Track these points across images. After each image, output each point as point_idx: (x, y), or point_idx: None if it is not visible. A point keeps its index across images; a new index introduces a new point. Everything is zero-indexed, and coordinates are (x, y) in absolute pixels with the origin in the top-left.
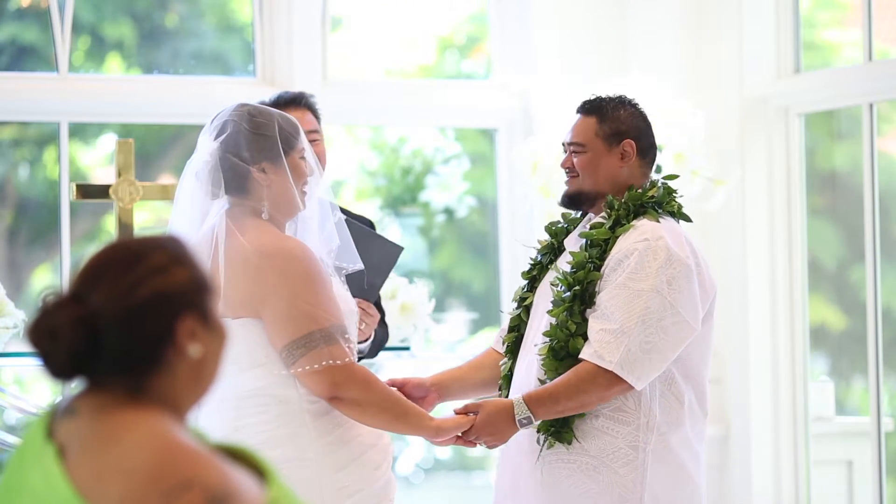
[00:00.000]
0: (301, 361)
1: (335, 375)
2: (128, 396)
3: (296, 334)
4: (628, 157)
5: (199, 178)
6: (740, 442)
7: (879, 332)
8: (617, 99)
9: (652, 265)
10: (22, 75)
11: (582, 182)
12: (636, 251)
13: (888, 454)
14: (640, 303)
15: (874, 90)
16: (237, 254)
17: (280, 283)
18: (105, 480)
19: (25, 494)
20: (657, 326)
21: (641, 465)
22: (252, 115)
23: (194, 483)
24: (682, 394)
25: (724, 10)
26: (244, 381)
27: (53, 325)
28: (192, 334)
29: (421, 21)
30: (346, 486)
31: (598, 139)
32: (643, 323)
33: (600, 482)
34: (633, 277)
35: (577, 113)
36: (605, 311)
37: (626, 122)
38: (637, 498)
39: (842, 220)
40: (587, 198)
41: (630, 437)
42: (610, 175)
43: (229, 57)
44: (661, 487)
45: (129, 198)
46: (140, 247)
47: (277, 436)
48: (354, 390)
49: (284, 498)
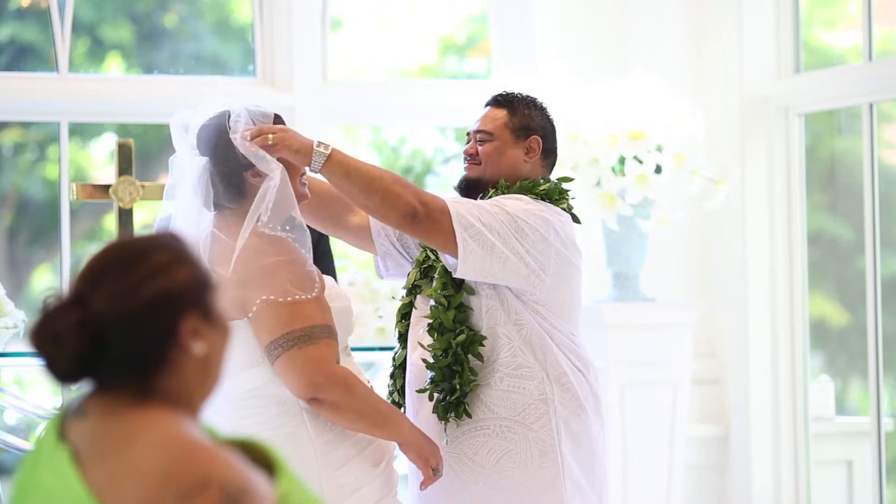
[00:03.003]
0: (280, 361)
1: (314, 376)
2: (137, 397)
3: (275, 333)
4: (533, 154)
5: (195, 193)
6: (740, 442)
7: (880, 331)
8: (529, 98)
9: (516, 205)
10: (22, 75)
11: (484, 170)
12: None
13: (888, 454)
14: (497, 212)
15: (874, 90)
16: (224, 257)
17: (263, 283)
18: (120, 482)
19: (40, 497)
20: (491, 220)
21: (554, 416)
22: (232, 121)
23: (210, 482)
24: (568, 349)
25: (724, 10)
26: (242, 382)
27: (56, 330)
28: (195, 332)
29: (421, 21)
30: (346, 483)
31: (507, 130)
32: (487, 214)
33: (516, 441)
34: (494, 203)
35: (488, 105)
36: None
37: (536, 120)
38: (555, 448)
39: (843, 216)
40: (484, 185)
41: (537, 392)
42: (512, 167)
43: (229, 57)
44: (571, 435)
45: (129, 198)
46: (141, 246)
47: (276, 435)
48: (334, 393)
49: (296, 490)
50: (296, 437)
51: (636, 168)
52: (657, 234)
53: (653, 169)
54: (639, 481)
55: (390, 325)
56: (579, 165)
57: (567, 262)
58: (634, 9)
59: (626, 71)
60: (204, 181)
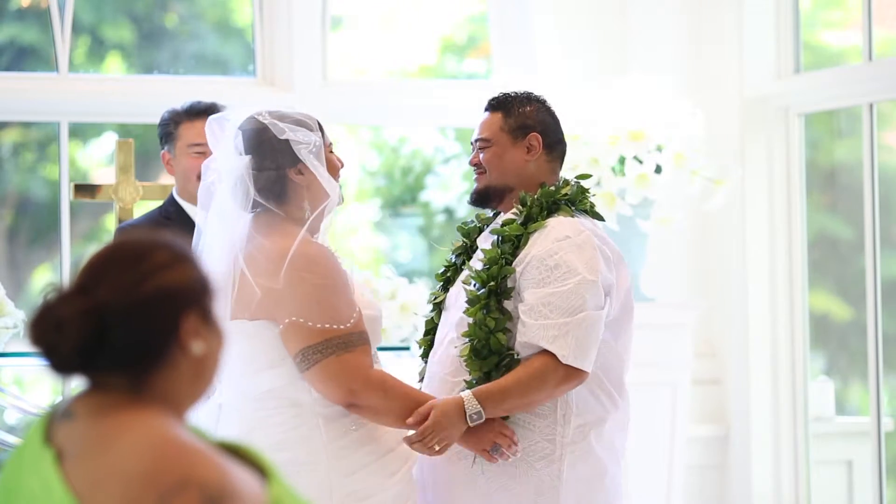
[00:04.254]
0: (316, 368)
1: (351, 383)
2: (128, 396)
3: (312, 340)
4: (534, 151)
5: (233, 195)
6: (740, 442)
7: (880, 331)
8: (524, 95)
9: (579, 258)
10: (22, 75)
11: (489, 178)
12: (560, 249)
13: (888, 454)
14: (577, 296)
15: (874, 90)
16: (258, 255)
17: (300, 287)
18: (102, 484)
19: (23, 499)
20: (592, 311)
21: (558, 459)
22: (280, 119)
23: (191, 482)
24: (601, 388)
25: (724, 10)
26: (259, 382)
27: (59, 318)
28: (195, 332)
29: (421, 21)
30: (356, 490)
31: (504, 133)
32: (581, 311)
33: (517, 476)
34: (564, 275)
35: (485, 111)
36: (544, 309)
37: (532, 117)
38: (553, 491)
39: (842, 215)
40: (496, 193)
41: (546, 431)
42: (516, 168)
43: (229, 57)
44: (577, 480)
45: (129, 198)
46: (144, 244)
47: (290, 438)
48: (372, 398)
49: (286, 496)
50: (309, 441)
51: (636, 168)
52: (657, 234)
53: (653, 169)
54: (639, 481)
55: (390, 325)
56: (579, 165)
57: (621, 290)
58: (634, 9)
59: (626, 71)
60: (244, 181)
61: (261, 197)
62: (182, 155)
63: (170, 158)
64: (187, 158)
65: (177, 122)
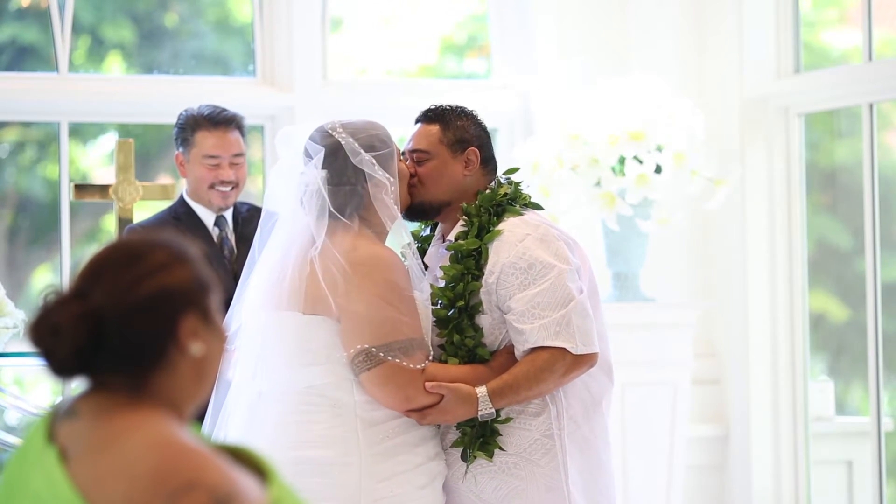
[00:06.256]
0: (375, 370)
1: (408, 390)
2: (129, 397)
3: (374, 341)
4: (472, 166)
5: (304, 205)
6: (740, 442)
7: (880, 331)
8: (458, 108)
9: (547, 251)
10: (22, 75)
11: (426, 192)
12: (527, 249)
13: (888, 454)
14: (561, 287)
15: (874, 90)
16: (326, 253)
17: (366, 288)
18: (108, 483)
19: (27, 498)
20: (578, 296)
21: (560, 452)
22: (352, 135)
23: (197, 484)
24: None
25: (724, 10)
26: (302, 377)
27: (56, 322)
28: (194, 332)
29: (421, 21)
30: (384, 497)
31: (443, 146)
32: (570, 300)
33: (524, 477)
34: (541, 272)
35: (418, 122)
36: (535, 310)
37: (469, 131)
38: (562, 484)
39: (843, 215)
40: (431, 207)
41: (543, 427)
42: (454, 183)
43: (229, 57)
44: (578, 468)
45: (129, 198)
46: (141, 245)
47: (326, 436)
48: (426, 403)
49: (287, 497)
50: (345, 443)
51: (636, 168)
52: (657, 234)
53: (653, 169)
54: (639, 481)
55: None
56: (579, 165)
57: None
58: (634, 9)
59: (626, 71)
60: (319, 194)
61: (336, 209)
62: (196, 163)
63: (183, 161)
64: (201, 168)
65: (194, 129)
